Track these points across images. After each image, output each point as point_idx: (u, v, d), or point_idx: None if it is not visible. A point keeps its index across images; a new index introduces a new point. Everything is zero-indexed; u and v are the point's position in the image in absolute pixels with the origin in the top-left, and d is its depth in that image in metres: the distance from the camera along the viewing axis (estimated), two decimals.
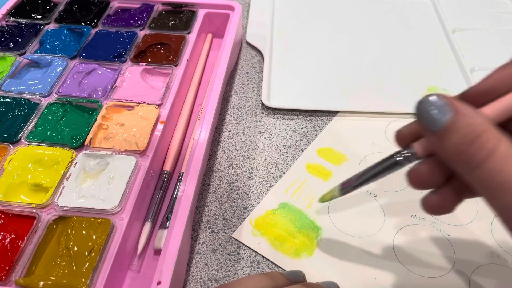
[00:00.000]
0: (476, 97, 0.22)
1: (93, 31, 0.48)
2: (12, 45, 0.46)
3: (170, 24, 0.50)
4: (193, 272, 0.33)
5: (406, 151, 0.24)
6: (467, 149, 0.20)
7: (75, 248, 0.30)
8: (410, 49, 0.54)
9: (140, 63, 0.44)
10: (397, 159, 0.24)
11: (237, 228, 0.36)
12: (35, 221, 0.32)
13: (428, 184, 0.24)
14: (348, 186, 0.29)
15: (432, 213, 0.24)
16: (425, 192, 0.24)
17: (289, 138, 0.43)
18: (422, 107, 0.21)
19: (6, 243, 0.30)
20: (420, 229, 0.36)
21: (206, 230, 0.36)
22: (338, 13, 0.60)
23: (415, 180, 0.24)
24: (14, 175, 0.34)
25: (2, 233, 0.31)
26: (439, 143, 0.21)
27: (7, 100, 0.40)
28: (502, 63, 0.23)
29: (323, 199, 0.32)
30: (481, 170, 0.19)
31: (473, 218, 0.37)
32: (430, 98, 0.21)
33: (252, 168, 0.41)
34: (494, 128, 0.20)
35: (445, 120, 0.20)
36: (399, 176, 0.39)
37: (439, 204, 0.24)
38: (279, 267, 0.34)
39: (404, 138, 0.25)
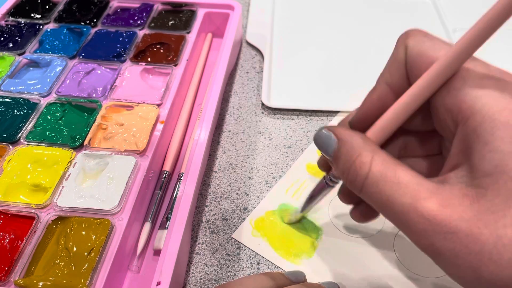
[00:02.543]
0: (359, 124, 0.24)
1: (93, 30, 0.48)
2: (11, 45, 0.46)
3: (169, 24, 0.49)
4: (193, 273, 0.33)
5: (328, 176, 0.28)
6: (348, 176, 0.21)
7: (75, 249, 0.30)
8: None
9: (140, 63, 0.44)
10: (326, 182, 0.28)
11: (237, 228, 0.36)
12: (34, 221, 0.31)
13: (351, 200, 0.27)
14: (298, 212, 0.34)
15: (358, 221, 0.28)
16: None
17: (289, 138, 0.43)
18: (316, 139, 0.24)
19: (5, 243, 0.30)
20: None
21: (206, 230, 0.36)
22: (338, 13, 0.60)
23: (341, 199, 0.28)
24: (13, 175, 0.34)
25: (1, 233, 0.31)
26: (335, 169, 0.23)
27: (6, 100, 0.40)
28: (501, 62, 0.23)
29: (284, 220, 0.36)
30: (364, 194, 0.21)
31: None
32: (321, 130, 0.23)
33: (252, 168, 0.41)
34: (368, 151, 0.21)
35: (331, 149, 0.22)
36: None
37: (361, 215, 0.27)
38: (279, 267, 0.34)
39: (323, 166, 0.28)
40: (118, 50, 0.45)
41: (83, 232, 0.31)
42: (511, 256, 0.16)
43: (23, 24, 0.48)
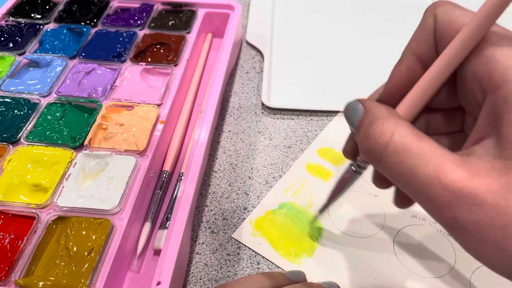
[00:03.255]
0: (388, 98, 0.23)
1: (93, 30, 0.48)
2: (11, 45, 0.46)
3: (170, 24, 0.49)
4: (193, 273, 0.33)
5: (355, 163, 0.27)
6: (366, 144, 0.20)
7: (75, 249, 0.30)
8: None
9: (140, 63, 0.44)
10: (353, 170, 0.27)
11: (237, 228, 0.36)
12: (35, 221, 0.31)
13: (388, 183, 0.26)
14: (324, 206, 0.32)
15: (402, 207, 0.27)
16: None
17: (289, 138, 0.43)
18: (346, 109, 0.23)
19: (5, 243, 0.30)
20: (420, 229, 0.36)
21: (206, 230, 0.36)
22: (338, 13, 0.60)
23: (378, 184, 0.26)
24: (13, 175, 0.34)
25: (1, 233, 0.31)
26: (357, 143, 0.22)
27: (6, 100, 0.40)
28: None
29: (314, 237, 0.35)
30: (382, 164, 0.20)
31: None
32: (350, 101, 0.23)
33: (252, 168, 0.41)
34: (391, 121, 0.20)
35: (357, 119, 0.22)
36: None
37: (404, 200, 0.26)
38: (279, 267, 0.34)
39: (349, 153, 0.27)
40: (118, 50, 0.45)
41: (83, 232, 0.31)
42: None
43: (23, 24, 0.48)
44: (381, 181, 0.26)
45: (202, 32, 0.52)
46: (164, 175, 0.38)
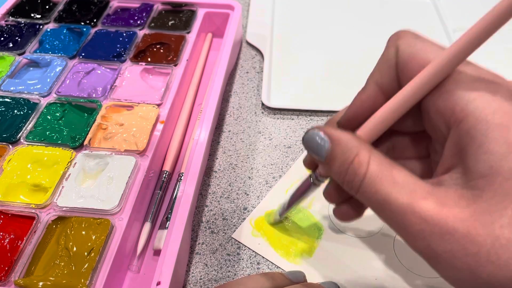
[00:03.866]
0: (348, 124, 0.24)
1: (93, 30, 0.48)
2: (11, 45, 0.46)
3: (169, 24, 0.49)
4: (193, 273, 0.33)
5: (313, 175, 0.27)
6: (345, 177, 0.21)
7: (75, 249, 0.30)
8: None
9: (140, 63, 0.44)
10: (311, 181, 0.28)
11: (237, 228, 0.36)
12: (35, 221, 0.31)
13: (338, 199, 0.26)
14: (283, 211, 0.34)
15: (341, 220, 0.27)
16: None
17: (289, 138, 0.43)
18: (306, 140, 0.23)
19: (5, 243, 0.30)
20: None
21: (206, 230, 0.36)
22: (338, 13, 0.60)
23: (327, 198, 0.27)
24: (13, 175, 0.34)
25: (1, 233, 0.31)
26: (327, 171, 0.23)
27: (6, 100, 0.40)
28: (502, 62, 0.23)
29: (270, 222, 0.36)
30: (361, 194, 0.20)
31: None
32: (310, 131, 0.23)
33: (252, 168, 0.41)
34: (364, 150, 0.20)
35: (324, 151, 0.22)
36: None
37: (346, 213, 0.26)
38: (279, 267, 0.34)
39: (310, 165, 0.28)
40: (118, 50, 0.45)
41: (83, 232, 0.31)
42: (508, 256, 0.16)
43: (23, 24, 0.48)
44: (332, 197, 0.27)
45: (202, 32, 0.52)
46: (164, 175, 0.38)
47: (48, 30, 0.48)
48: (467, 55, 0.19)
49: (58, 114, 0.39)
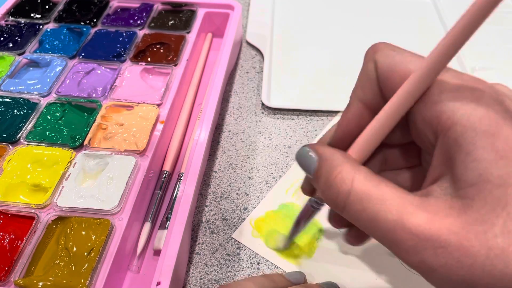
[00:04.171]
0: (339, 143, 0.23)
1: (93, 30, 0.48)
2: (11, 45, 0.46)
3: (169, 24, 0.49)
4: (192, 273, 0.33)
5: (312, 199, 0.27)
6: (329, 194, 0.20)
7: (75, 249, 0.30)
8: (410, 49, 0.54)
9: (140, 63, 0.44)
10: (312, 206, 0.28)
11: (237, 228, 0.36)
12: (34, 221, 0.31)
13: (343, 223, 0.26)
14: (288, 239, 0.33)
15: (352, 245, 0.27)
16: None
17: (289, 138, 0.43)
18: (297, 157, 0.23)
19: (5, 244, 0.30)
20: None
21: (206, 230, 0.36)
22: (338, 13, 0.60)
23: (332, 224, 0.27)
24: (13, 175, 0.34)
25: (1, 233, 0.31)
26: (317, 189, 0.22)
27: (6, 100, 0.40)
28: (503, 62, 0.23)
29: (269, 245, 0.35)
30: (347, 212, 0.20)
31: None
32: (302, 148, 0.23)
33: (252, 168, 0.41)
34: (348, 167, 0.20)
35: (313, 167, 0.22)
36: None
37: (354, 238, 0.26)
38: (279, 268, 0.34)
39: (307, 191, 0.27)
40: (118, 50, 0.45)
41: (83, 232, 0.31)
42: (503, 266, 0.16)
43: (23, 24, 0.48)
44: (337, 221, 0.26)
45: (202, 32, 0.52)
46: (164, 175, 0.38)
47: (48, 30, 0.48)
48: (447, 61, 0.19)
49: (58, 114, 0.39)
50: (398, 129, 0.22)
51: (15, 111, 0.39)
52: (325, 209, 0.27)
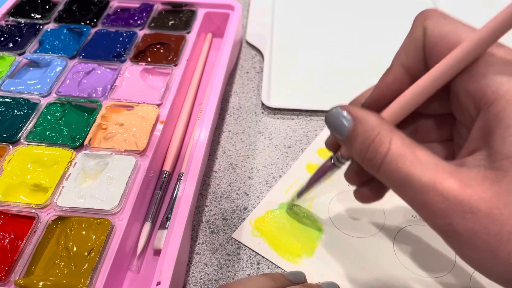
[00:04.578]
0: (374, 105, 0.24)
1: (93, 30, 0.48)
2: (11, 45, 0.46)
3: (169, 24, 0.49)
4: (193, 273, 0.33)
5: (335, 156, 0.27)
6: (366, 155, 0.21)
7: (75, 249, 0.30)
8: None
9: (140, 63, 0.44)
10: (332, 163, 0.28)
11: (237, 228, 0.36)
12: (35, 221, 0.31)
13: (358, 181, 0.27)
14: (301, 191, 0.33)
15: (361, 202, 0.27)
16: None
17: (289, 138, 0.43)
18: (328, 118, 0.23)
19: (5, 243, 0.30)
20: (420, 229, 0.36)
21: (206, 230, 0.36)
22: (338, 13, 0.60)
23: (348, 180, 0.27)
24: (13, 175, 0.34)
25: (1, 233, 0.31)
26: (348, 149, 0.23)
27: (6, 100, 0.40)
28: None
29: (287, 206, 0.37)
30: (381, 173, 0.20)
31: None
32: (334, 109, 0.23)
33: (252, 168, 0.41)
34: (386, 130, 0.20)
35: (346, 129, 0.22)
36: None
37: (366, 195, 0.27)
38: (279, 267, 0.34)
39: (332, 147, 0.28)
40: (118, 50, 0.45)
41: (83, 232, 0.31)
42: None
43: (23, 24, 0.48)
44: (354, 178, 0.27)
45: (202, 32, 0.52)
46: (164, 175, 0.38)
47: (48, 30, 0.48)
48: (498, 36, 0.19)
49: (58, 114, 0.39)
50: (436, 99, 0.22)
51: (15, 111, 0.39)
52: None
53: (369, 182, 0.26)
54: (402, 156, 0.19)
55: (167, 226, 0.34)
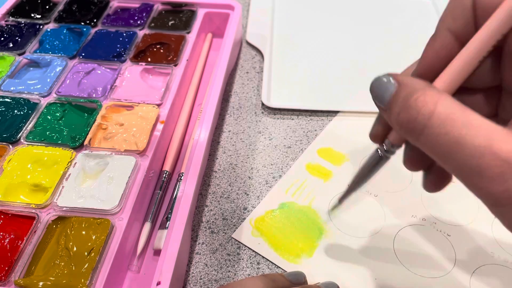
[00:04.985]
0: (424, 75, 0.22)
1: (93, 30, 0.48)
2: (11, 45, 0.46)
3: (169, 24, 0.49)
4: (193, 273, 0.33)
5: (382, 147, 0.25)
6: (406, 116, 0.19)
7: (75, 249, 0.30)
8: (410, 49, 0.54)
9: (140, 63, 0.44)
10: (380, 154, 0.25)
11: (237, 228, 0.36)
12: (35, 221, 0.31)
13: (420, 166, 0.24)
14: (346, 195, 0.29)
15: (432, 191, 0.25)
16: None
17: (289, 138, 0.43)
18: (373, 85, 0.21)
19: (5, 243, 0.30)
20: (420, 229, 0.36)
21: (206, 230, 0.36)
22: (338, 13, 0.60)
23: (408, 166, 0.25)
24: (13, 175, 0.34)
25: (1, 233, 0.31)
26: (389, 118, 0.21)
27: (6, 100, 0.40)
28: None
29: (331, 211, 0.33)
30: (425, 137, 0.19)
31: (474, 218, 0.36)
32: (380, 76, 0.21)
33: (252, 168, 0.41)
34: (433, 91, 0.19)
35: (389, 93, 0.20)
36: (399, 176, 0.39)
37: (434, 183, 0.24)
38: (279, 267, 0.34)
39: (377, 137, 0.25)
40: (118, 50, 0.45)
41: (83, 232, 0.31)
42: None
43: (23, 24, 0.48)
44: (414, 162, 0.24)
45: (202, 32, 0.52)
46: (164, 175, 0.38)
47: (48, 30, 0.48)
48: None
49: (58, 114, 0.39)
50: (484, 69, 0.21)
51: (15, 111, 0.39)
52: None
53: (433, 167, 0.24)
54: (451, 118, 0.18)
55: (167, 226, 0.34)
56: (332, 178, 0.40)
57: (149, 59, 0.45)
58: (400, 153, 0.25)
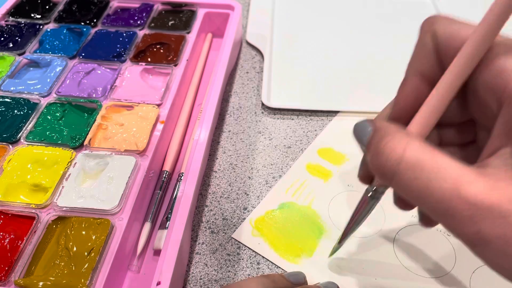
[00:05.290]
0: (398, 120, 0.23)
1: (93, 30, 0.48)
2: (11, 45, 0.46)
3: (169, 24, 0.49)
4: (193, 273, 0.33)
5: (371, 187, 0.26)
6: (377, 161, 0.20)
7: (75, 249, 0.30)
8: (410, 49, 0.54)
9: (140, 63, 0.44)
10: (370, 196, 0.26)
11: (237, 228, 0.36)
12: (35, 221, 0.31)
13: (411, 205, 0.25)
14: (343, 238, 0.30)
15: (427, 227, 0.26)
16: None
17: (289, 138, 0.43)
18: (355, 128, 0.22)
19: (5, 243, 0.30)
20: (420, 229, 0.36)
21: (206, 230, 0.36)
22: (338, 13, 0.60)
23: (399, 206, 0.26)
24: (13, 175, 0.34)
25: (1, 233, 0.31)
26: (368, 161, 0.21)
27: (6, 100, 0.40)
28: None
29: (331, 254, 0.33)
30: (396, 182, 0.19)
31: None
32: (359, 122, 0.22)
33: (252, 168, 0.41)
34: (401, 135, 0.19)
35: (366, 138, 0.21)
36: None
37: (428, 219, 0.25)
38: (279, 267, 0.34)
39: (364, 178, 0.26)
40: (118, 50, 0.45)
41: (83, 232, 0.31)
42: None
43: (23, 24, 0.48)
44: (403, 202, 0.25)
45: (202, 32, 0.52)
46: (164, 175, 0.38)
47: (48, 30, 0.48)
48: (504, 21, 0.18)
49: (58, 114, 0.39)
50: (454, 107, 0.21)
51: (15, 111, 0.39)
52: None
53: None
54: (419, 163, 0.18)
55: (167, 226, 0.34)
56: (332, 178, 0.40)
57: (149, 59, 0.45)
58: None
